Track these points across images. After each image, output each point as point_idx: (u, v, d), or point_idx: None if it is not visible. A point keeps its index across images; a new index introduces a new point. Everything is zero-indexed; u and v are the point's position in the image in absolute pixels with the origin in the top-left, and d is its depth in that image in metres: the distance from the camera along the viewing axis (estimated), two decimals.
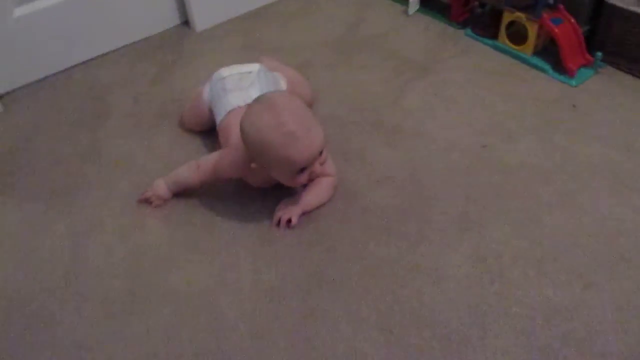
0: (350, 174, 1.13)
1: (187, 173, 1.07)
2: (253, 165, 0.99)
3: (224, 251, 1.00)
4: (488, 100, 1.31)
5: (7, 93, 1.37)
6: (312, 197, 1.05)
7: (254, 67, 1.18)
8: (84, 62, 1.46)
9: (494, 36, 1.46)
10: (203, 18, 1.56)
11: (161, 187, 1.08)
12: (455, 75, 1.38)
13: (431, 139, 1.21)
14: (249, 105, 0.98)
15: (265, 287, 0.94)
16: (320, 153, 0.96)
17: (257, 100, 0.97)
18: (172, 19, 1.58)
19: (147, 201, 1.08)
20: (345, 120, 1.26)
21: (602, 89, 1.33)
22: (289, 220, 1.02)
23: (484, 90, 1.34)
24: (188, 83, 1.38)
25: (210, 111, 1.18)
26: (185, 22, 1.59)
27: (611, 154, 1.16)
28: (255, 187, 1.08)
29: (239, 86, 1.13)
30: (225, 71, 1.18)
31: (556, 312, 0.90)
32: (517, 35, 1.42)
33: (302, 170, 0.95)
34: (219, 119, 1.13)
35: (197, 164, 1.06)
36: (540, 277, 0.94)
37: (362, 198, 1.08)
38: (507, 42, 1.43)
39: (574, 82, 1.34)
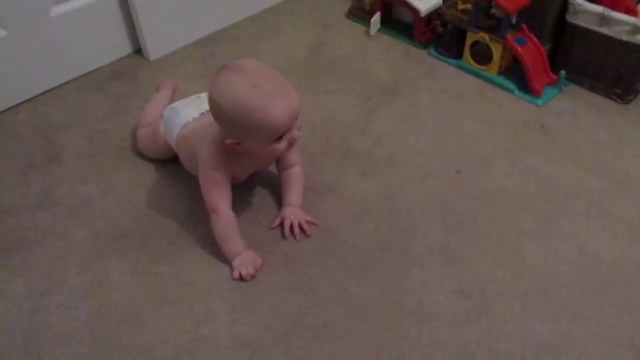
0: (324, 209, 1.09)
1: (222, 228, 0.98)
2: (228, 141, 0.92)
3: (197, 302, 0.94)
4: (458, 124, 1.29)
5: None
6: (296, 193, 1.05)
7: (201, 94, 1.14)
8: (29, 100, 1.37)
9: (458, 56, 1.45)
10: (157, 46, 1.49)
11: (250, 257, 0.98)
12: (423, 98, 1.37)
13: (404, 168, 1.18)
14: (215, 76, 0.90)
15: (244, 341, 0.89)
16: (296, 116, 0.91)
17: (223, 68, 0.89)
18: (123, 48, 1.50)
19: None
20: (314, 150, 1.22)
21: (568, 107, 1.33)
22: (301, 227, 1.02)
23: (452, 112, 1.32)
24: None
25: (168, 144, 1.13)
26: (138, 51, 1.52)
27: (584, 176, 1.16)
28: (237, 182, 1.02)
29: (189, 104, 1.11)
30: (173, 104, 1.15)
31: (545, 348, 0.88)
32: (481, 55, 1.41)
33: (281, 137, 0.90)
34: (174, 136, 1.08)
35: (212, 210, 0.98)
36: (526, 311, 0.93)
37: (339, 235, 1.04)
38: (472, 62, 1.42)
39: (540, 102, 1.34)
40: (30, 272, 0.99)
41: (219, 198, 0.97)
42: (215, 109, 0.90)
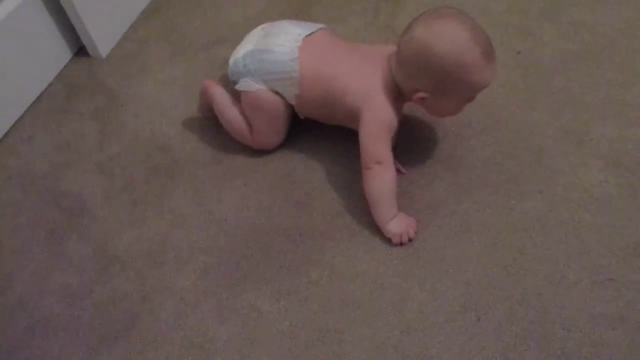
0: (426, 134, 0.98)
1: (386, 182, 0.85)
2: (419, 95, 0.83)
3: (381, 293, 0.81)
4: (477, 6, 1.19)
5: None
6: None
7: (252, 31, 0.99)
8: None
9: None
10: (103, 37, 1.20)
11: (406, 219, 0.86)
12: None
13: None
14: (428, 21, 0.81)
15: (459, 305, 0.79)
16: None
17: (439, 12, 0.81)
18: (63, 55, 1.20)
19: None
20: None
21: None
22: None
23: None
24: (148, 123, 1.08)
25: (280, 98, 0.92)
26: (80, 50, 1.22)
27: (625, 11, 1.14)
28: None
29: (276, 35, 0.92)
30: (244, 48, 0.95)
31: None
32: None
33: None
34: (293, 74, 0.89)
35: (379, 162, 0.85)
36: None
37: (459, 160, 0.94)
38: None
39: None
40: (162, 345, 0.80)
41: (389, 147, 0.86)
42: (426, 58, 0.80)
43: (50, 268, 0.90)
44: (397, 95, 0.86)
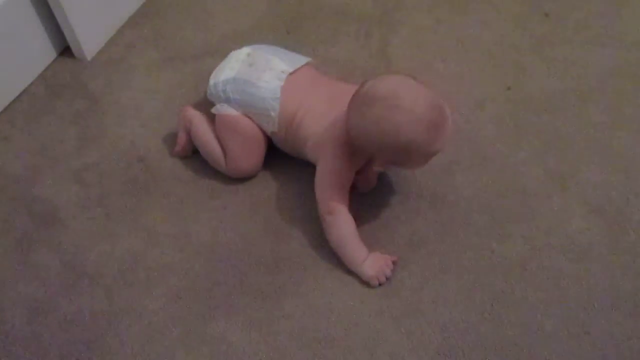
0: (405, 173, 0.97)
1: (341, 229, 0.84)
2: (377, 168, 0.83)
3: (359, 329, 0.80)
4: (470, 36, 1.19)
5: None
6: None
7: (231, 53, 0.96)
8: None
9: None
10: (90, 39, 1.16)
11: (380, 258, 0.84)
12: (421, 19, 1.23)
13: (456, 99, 1.06)
14: (363, 109, 0.78)
15: (432, 351, 0.78)
16: None
17: (370, 95, 0.78)
18: (46, 53, 1.16)
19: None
20: None
21: None
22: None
23: (457, 25, 1.21)
24: (129, 133, 1.05)
25: (258, 127, 0.92)
26: (65, 51, 1.18)
27: (619, 54, 1.14)
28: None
29: (262, 69, 0.90)
30: (225, 73, 0.92)
31: None
32: None
33: None
34: (271, 111, 0.88)
35: (330, 211, 0.83)
36: None
37: (443, 196, 0.93)
38: None
39: None
40: None
41: (342, 197, 0.84)
42: (373, 144, 0.79)
43: (15, 278, 0.87)
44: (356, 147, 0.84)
